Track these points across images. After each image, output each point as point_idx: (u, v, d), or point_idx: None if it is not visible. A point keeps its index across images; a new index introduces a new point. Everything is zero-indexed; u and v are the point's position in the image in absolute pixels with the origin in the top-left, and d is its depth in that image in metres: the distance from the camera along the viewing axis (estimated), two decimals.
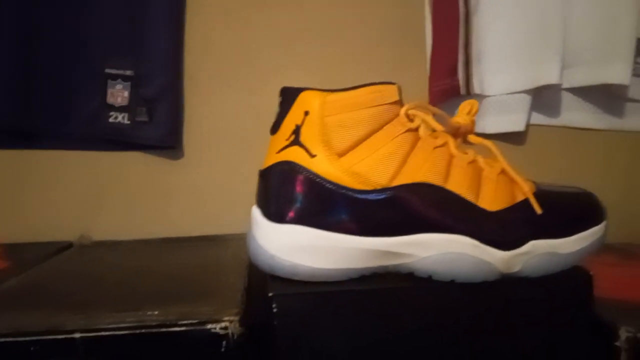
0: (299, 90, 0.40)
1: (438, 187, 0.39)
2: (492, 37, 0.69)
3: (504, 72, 0.70)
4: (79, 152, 0.69)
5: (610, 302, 0.47)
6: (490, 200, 0.40)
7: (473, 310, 0.40)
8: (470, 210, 0.39)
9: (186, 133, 0.71)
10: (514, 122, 0.72)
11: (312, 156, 0.39)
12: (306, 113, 0.39)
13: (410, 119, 0.40)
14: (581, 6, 0.70)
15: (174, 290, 0.45)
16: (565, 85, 0.72)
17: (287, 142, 0.40)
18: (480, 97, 0.71)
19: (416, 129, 0.40)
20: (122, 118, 0.67)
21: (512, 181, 0.41)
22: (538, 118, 0.76)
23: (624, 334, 0.41)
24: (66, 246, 0.65)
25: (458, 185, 0.39)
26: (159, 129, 0.68)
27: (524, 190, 0.40)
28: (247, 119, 0.70)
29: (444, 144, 0.41)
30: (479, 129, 0.72)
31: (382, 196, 0.38)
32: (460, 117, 0.42)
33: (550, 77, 0.68)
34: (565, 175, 0.78)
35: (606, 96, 0.75)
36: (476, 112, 0.43)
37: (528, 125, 0.75)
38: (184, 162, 0.71)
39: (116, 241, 0.67)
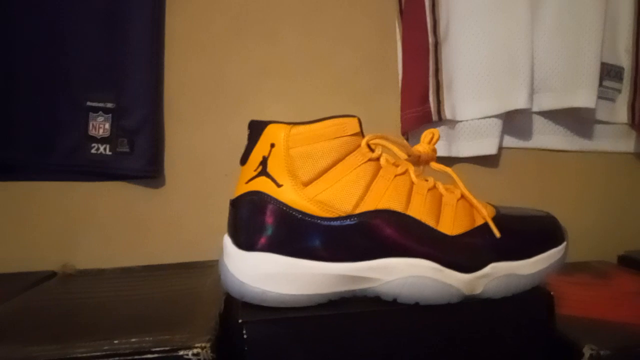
0: (265, 124, 0.42)
1: (399, 213, 0.41)
2: (461, 65, 0.72)
3: (475, 98, 0.72)
4: (61, 183, 0.70)
5: (576, 320, 0.48)
6: (450, 224, 0.41)
7: (438, 332, 0.42)
8: (431, 234, 0.41)
9: (166, 162, 0.72)
10: (486, 146, 0.74)
11: (279, 186, 0.41)
12: (272, 145, 0.41)
13: (371, 149, 0.42)
14: (548, 34, 0.73)
15: (150, 319, 0.46)
16: (535, 109, 0.75)
17: (255, 173, 0.41)
18: (452, 123, 0.73)
19: (377, 159, 0.42)
20: (103, 149, 0.68)
21: (471, 206, 0.43)
22: (511, 141, 0.78)
23: (587, 351, 0.42)
24: (49, 276, 0.66)
25: (418, 211, 0.41)
26: (140, 160, 0.69)
27: (483, 215, 0.42)
28: (225, 148, 0.72)
29: (405, 172, 0.42)
30: (453, 153, 0.74)
31: (347, 223, 0.40)
32: (422, 146, 0.44)
33: (519, 102, 0.71)
34: (541, 197, 0.80)
35: (576, 119, 0.77)
36: (437, 141, 0.45)
37: (501, 149, 0.77)
38: (164, 191, 0.72)
39: (98, 270, 0.68)
